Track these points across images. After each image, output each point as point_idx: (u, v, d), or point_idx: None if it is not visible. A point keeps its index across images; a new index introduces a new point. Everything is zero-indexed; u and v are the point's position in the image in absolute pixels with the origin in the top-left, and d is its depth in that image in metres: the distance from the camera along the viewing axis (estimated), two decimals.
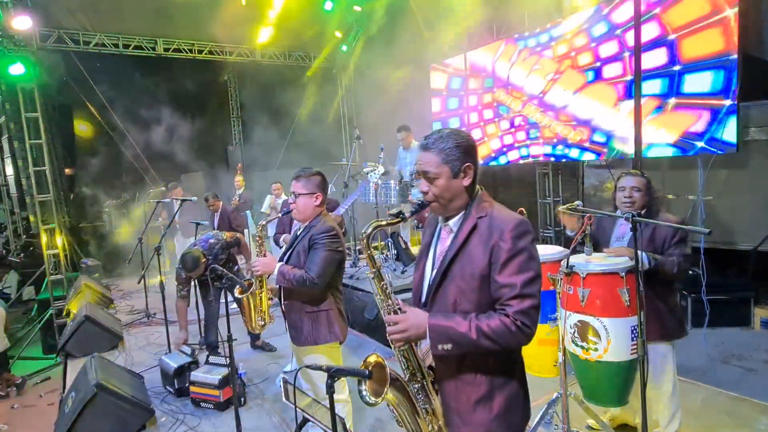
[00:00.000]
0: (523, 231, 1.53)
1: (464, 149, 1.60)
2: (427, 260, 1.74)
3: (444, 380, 1.63)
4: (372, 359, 1.53)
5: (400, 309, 1.59)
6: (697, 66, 4.92)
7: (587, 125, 6.14)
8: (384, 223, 1.64)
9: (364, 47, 10.00)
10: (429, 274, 1.71)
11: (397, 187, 5.97)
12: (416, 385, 1.62)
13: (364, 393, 1.50)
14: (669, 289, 2.78)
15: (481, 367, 1.58)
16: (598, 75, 5.95)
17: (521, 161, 7.25)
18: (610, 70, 5.80)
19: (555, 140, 6.61)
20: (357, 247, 6.32)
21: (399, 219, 1.64)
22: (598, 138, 6.01)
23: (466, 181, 1.61)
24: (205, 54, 9.53)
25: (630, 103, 5.36)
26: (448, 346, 1.50)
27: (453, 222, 1.66)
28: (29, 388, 6.46)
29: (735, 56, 4.60)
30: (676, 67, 5.09)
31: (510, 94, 7.22)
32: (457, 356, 1.54)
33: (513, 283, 1.49)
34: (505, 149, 7.47)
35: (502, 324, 1.47)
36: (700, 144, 4.96)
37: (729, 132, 4.70)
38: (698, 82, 4.92)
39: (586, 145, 6.18)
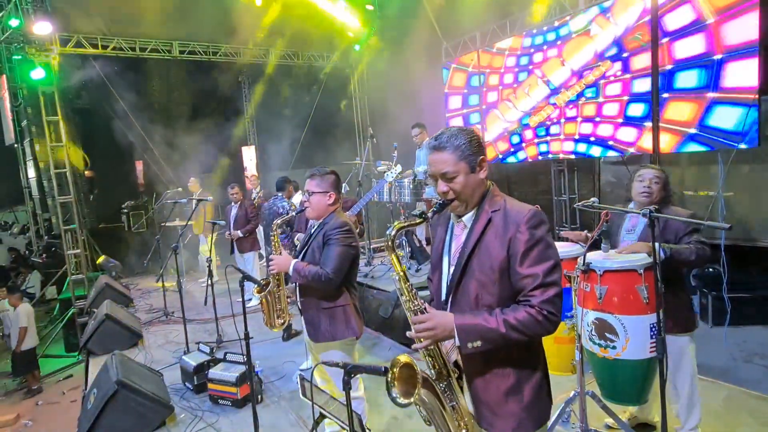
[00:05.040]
0: (539, 221, 1.56)
1: (476, 143, 1.62)
2: (444, 258, 1.74)
3: (472, 375, 1.64)
4: (402, 359, 1.51)
5: (425, 309, 1.59)
6: None
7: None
8: (406, 224, 1.64)
9: (376, 46, 10.01)
10: (447, 271, 1.71)
11: (411, 186, 5.96)
12: (443, 384, 1.62)
13: (395, 395, 1.50)
14: (681, 282, 2.78)
15: (507, 358, 1.59)
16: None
17: (540, 158, 7.17)
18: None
19: (577, 136, 6.51)
20: (371, 246, 6.32)
21: (422, 220, 1.64)
22: (623, 136, 5.89)
23: (483, 174, 1.63)
24: (220, 55, 9.64)
25: None
26: (478, 343, 1.51)
27: (466, 218, 1.67)
28: (52, 384, 6.63)
29: None
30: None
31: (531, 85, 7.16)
32: (484, 351, 1.55)
33: (535, 273, 1.51)
34: (524, 144, 7.40)
35: (528, 315, 1.50)
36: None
37: None
38: None
39: (610, 143, 6.08)
